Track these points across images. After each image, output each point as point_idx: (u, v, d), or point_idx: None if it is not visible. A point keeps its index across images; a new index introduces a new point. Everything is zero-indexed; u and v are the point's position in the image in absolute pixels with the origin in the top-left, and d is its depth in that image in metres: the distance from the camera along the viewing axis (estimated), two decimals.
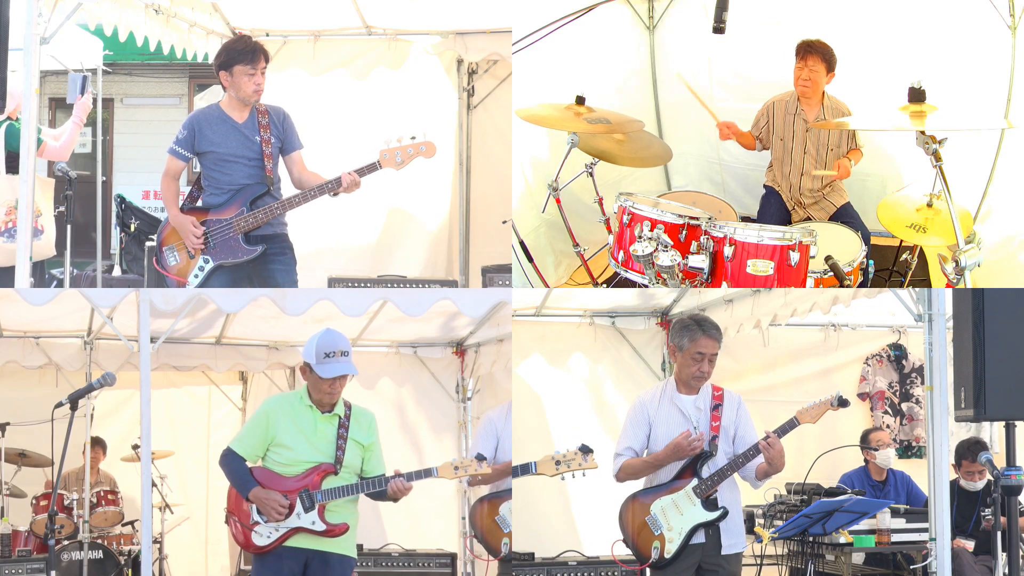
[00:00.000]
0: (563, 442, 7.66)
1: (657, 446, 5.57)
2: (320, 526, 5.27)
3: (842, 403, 5.49)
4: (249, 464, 5.36)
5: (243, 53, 6.03)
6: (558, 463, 5.92)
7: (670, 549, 5.44)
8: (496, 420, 6.44)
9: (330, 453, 5.33)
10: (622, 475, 5.60)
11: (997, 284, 6.87)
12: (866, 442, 7.57)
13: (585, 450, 5.91)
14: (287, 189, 6.24)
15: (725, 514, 5.46)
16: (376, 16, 8.33)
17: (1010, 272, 7.06)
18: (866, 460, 7.55)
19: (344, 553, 5.38)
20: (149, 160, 14.52)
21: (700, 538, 5.46)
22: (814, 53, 6.91)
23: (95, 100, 11.68)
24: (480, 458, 5.53)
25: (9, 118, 7.22)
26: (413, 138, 6.07)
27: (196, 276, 6.12)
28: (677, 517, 5.45)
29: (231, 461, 5.36)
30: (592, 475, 7.25)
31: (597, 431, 7.78)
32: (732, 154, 8.31)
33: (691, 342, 5.51)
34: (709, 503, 5.45)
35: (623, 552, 5.74)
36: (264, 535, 5.27)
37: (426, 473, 5.42)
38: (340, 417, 5.39)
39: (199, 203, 6.19)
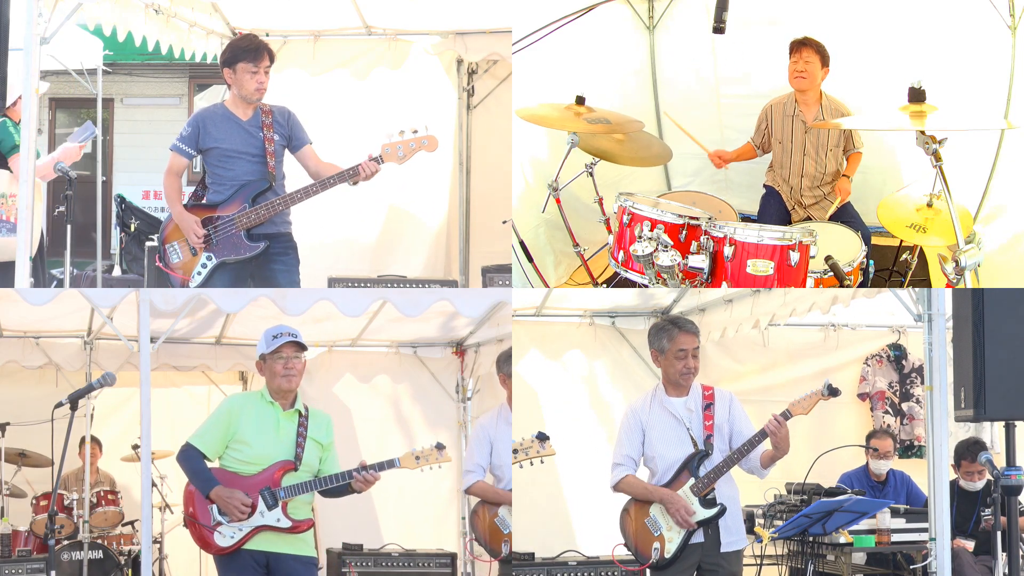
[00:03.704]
0: (561, 439, 7.66)
1: (652, 451, 5.58)
2: (286, 523, 5.27)
3: (832, 392, 5.48)
4: (208, 463, 5.35)
5: (247, 51, 6.03)
6: (515, 451, 6.07)
7: (670, 549, 5.45)
8: (488, 426, 6.46)
9: (290, 451, 5.34)
10: (619, 488, 5.62)
11: (1006, 284, 6.88)
12: (868, 442, 7.56)
13: (541, 437, 5.98)
14: (292, 187, 6.23)
15: (723, 511, 5.46)
16: (376, 16, 8.33)
17: (1018, 272, 7.06)
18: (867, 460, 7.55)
19: (305, 554, 5.38)
20: (149, 160, 14.52)
21: (699, 537, 5.47)
22: (808, 46, 6.95)
23: (95, 100, 11.73)
24: (439, 447, 5.57)
25: (6, 116, 7.22)
26: (415, 132, 6.06)
27: (199, 273, 6.11)
28: None
29: (191, 457, 5.34)
30: (592, 475, 7.30)
31: (597, 430, 7.79)
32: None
33: (670, 341, 5.55)
34: (707, 501, 5.46)
35: (623, 555, 5.75)
36: (227, 535, 5.25)
37: (388, 464, 5.43)
38: (300, 415, 5.41)
39: (204, 200, 6.19)
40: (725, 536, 5.51)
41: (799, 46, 6.98)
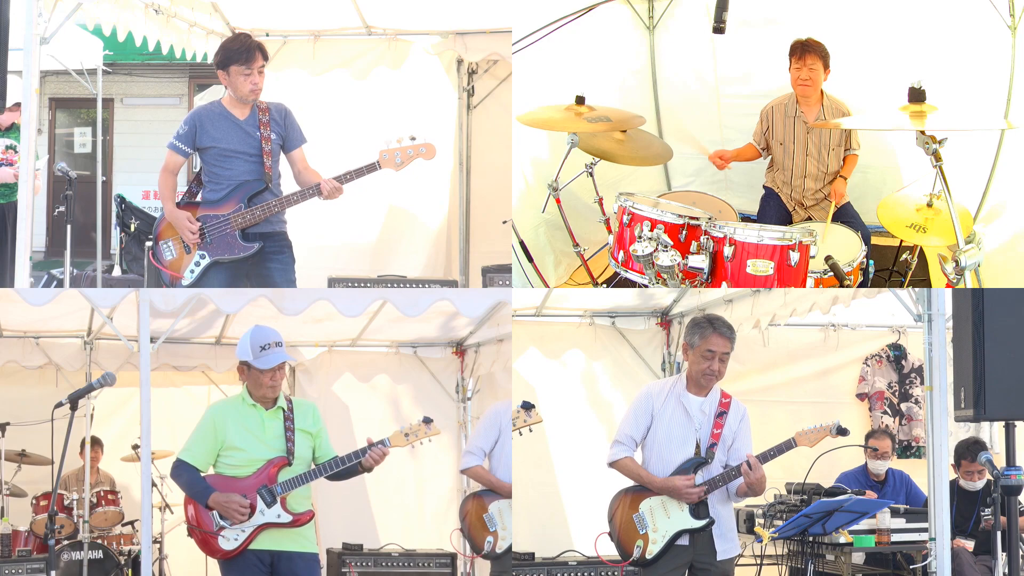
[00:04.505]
0: (560, 439, 7.68)
1: (655, 440, 5.52)
2: (286, 517, 5.28)
3: (841, 432, 5.48)
4: (201, 473, 5.36)
5: (238, 53, 6.03)
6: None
7: (652, 550, 5.41)
8: (502, 413, 6.46)
9: (281, 447, 5.35)
10: (616, 468, 5.58)
11: (1007, 283, 6.88)
12: (866, 442, 7.57)
13: (527, 406, 6.09)
14: (289, 187, 6.24)
15: (711, 523, 5.41)
16: (376, 16, 8.33)
17: (1018, 272, 7.06)
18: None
19: (308, 550, 5.39)
20: (149, 160, 14.52)
21: (684, 541, 5.42)
22: (812, 52, 6.88)
23: (95, 100, 11.75)
24: (427, 420, 5.60)
25: None
26: (413, 139, 6.06)
27: (192, 272, 6.11)
28: (664, 519, 5.42)
29: (184, 471, 5.35)
30: (591, 475, 7.29)
31: (597, 429, 7.79)
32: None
33: (702, 339, 5.47)
34: (697, 509, 5.41)
35: (606, 547, 5.73)
36: (231, 539, 5.26)
37: (380, 444, 5.44)
38: (284, 410, 5.41)
39: (198, 198, 6.19)
40: (720, 544, 5.45)
41: (802, 52, 6.89)
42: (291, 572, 5.31)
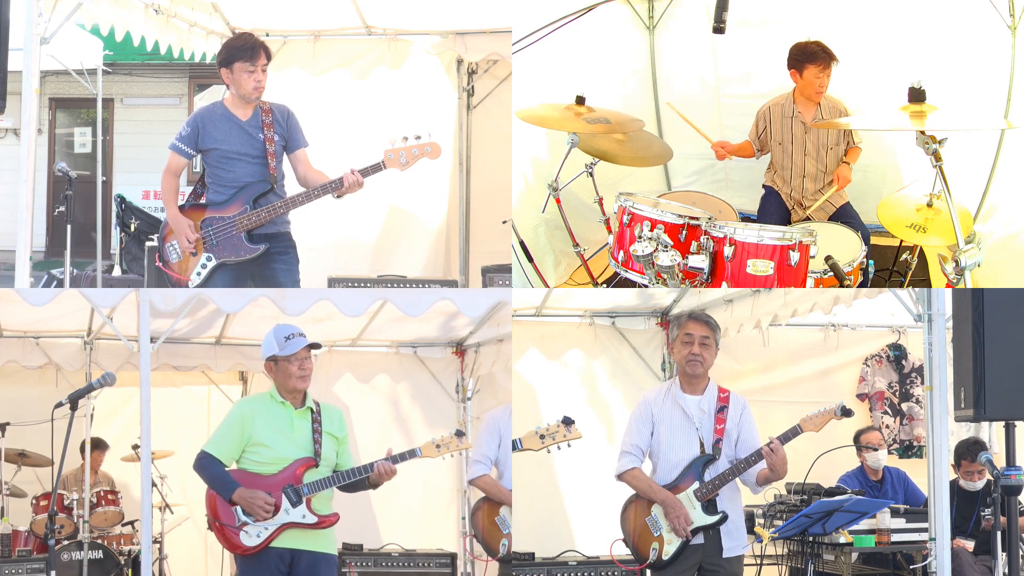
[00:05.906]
0: None
1: (659, 445, 5.58)
2: (311, 518, 5.28)
3: (845, 412, 5.52)
4: (225, 468, 5.35)
5: (243, 50, 6.03)
6: (543, 437, 6.02)
7: (668, 551, 5.45)
8: (499, 419, 6.46)
9: (308, 447, 5.35)
10: (623, 478, 5.61)
11: (1004, 283, 6.88)
12: (857, 443, 7.57)
13: (567, 422, 5.98)
14: (292, 187, 6.24)
15: (724, 518, 5.46)
16: (376, 16, 8.33)
17: (1017, 271, 7.06)
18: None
19: (328, 551, 5.40)
20: (149, 160, 14.54)
21: (699, 539, 5.47)
22: (831, 59, 6.81)
23: (95, 100, 11.76)
24: (459, 434, 5.61)
25: None
26: (418, 138, 6.05)
27: (198, 274, 6.11)
28: None
29: (208, 464, 5.31)
30: (591, 475, 7.30)
31: (597, 429, 7.78)
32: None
33: (679, 328, 5.61)
34: (709, 506, 5.45)
35: (622, 552, 5.75)
36: (253, 535, 5.24)
37: (410, 454, 5.48)
38: (312, 411, 5.42)
39: (202, 200, 6.18)
40: (727, 541, 5.50)
41: (824, 59, 6.80)
42: (311, 573, 5.31)
